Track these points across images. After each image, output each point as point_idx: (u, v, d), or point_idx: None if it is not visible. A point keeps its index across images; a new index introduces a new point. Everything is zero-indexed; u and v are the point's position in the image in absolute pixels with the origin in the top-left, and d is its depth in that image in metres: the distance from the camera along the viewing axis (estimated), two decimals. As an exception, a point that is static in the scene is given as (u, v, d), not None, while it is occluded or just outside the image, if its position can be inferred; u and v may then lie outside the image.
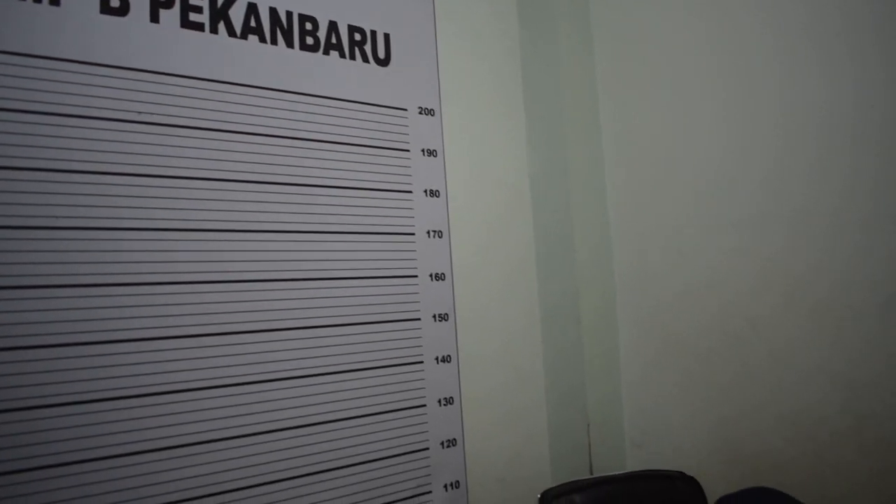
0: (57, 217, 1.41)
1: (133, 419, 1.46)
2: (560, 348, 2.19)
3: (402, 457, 1.84)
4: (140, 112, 1.51)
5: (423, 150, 1.94)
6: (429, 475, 1.88)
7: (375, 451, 1.80)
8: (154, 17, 1.56)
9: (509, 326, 2.13)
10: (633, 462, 2.19)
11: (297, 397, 1.68)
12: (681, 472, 1.87)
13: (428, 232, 1.92)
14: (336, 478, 1.73)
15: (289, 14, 1.76)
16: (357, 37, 1.87)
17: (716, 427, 2.03)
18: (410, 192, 1.91)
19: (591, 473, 2.17)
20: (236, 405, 1.59)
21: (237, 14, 1.68)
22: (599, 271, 2.23)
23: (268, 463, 1.63)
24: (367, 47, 1.88)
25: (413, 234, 1.90)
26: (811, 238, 1.84)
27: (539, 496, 1.76)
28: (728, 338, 1.99)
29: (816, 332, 1.82)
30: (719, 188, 2.02)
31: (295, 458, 1.67)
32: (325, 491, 1.71)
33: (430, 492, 1.88)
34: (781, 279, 1.89)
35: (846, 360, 1.78)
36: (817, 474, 1.82)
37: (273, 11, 1.73)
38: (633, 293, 2.22)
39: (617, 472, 1.89)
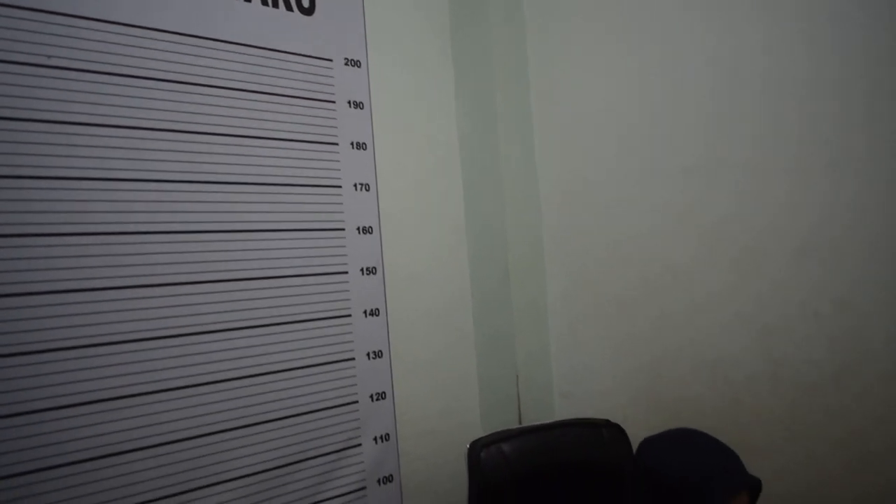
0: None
1: (66, 371, 1.45)
2: (489, 302, 2.21)
3: (332, 410, 1.84)
4: (49, 56, 1.46)
5: (349, 103, 1.92)
6: (358, 428, 1.89)
7: (305, 405, 1.79)
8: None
9: (439, 282, 2.13)
10: (562, 412, 2.23)
11: (226, 350, 1.66)
12: (606, 420, 1.91)
13: (355, 185, 1.91)
14: (267, 431, 1.72)
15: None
16: (280, -16, 1.83)
17: (639, 375, 2.07)
18: (336, 144, 1.88)
19: (521, 424, 2.20)
20: (165, 358, 1.57)
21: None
22: (528, 226, 2.24)
23: (200, 416, 1.62)
24: (291, -5, 1.85)
25: (340, 186, 1.88)
26: (729, 188, 1.87)
27: (468, 446, 1.78)
28: (650, 288, 2.03)
29: (734, 280, 1.87)
30: (643, 142, 2.04)
31: (226, 410, 1.66)
32: (257, 444, 1.70)
33: (359, 444, 1.89)
34: (700, 229, 1.93)
35: (761, 306, 1.83)
36: (735, 416, 1.88)
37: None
38: (561, 247, 2.24)
39: (544, 422, 1.92)
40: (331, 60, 1.90)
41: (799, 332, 1.77)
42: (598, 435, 1.88)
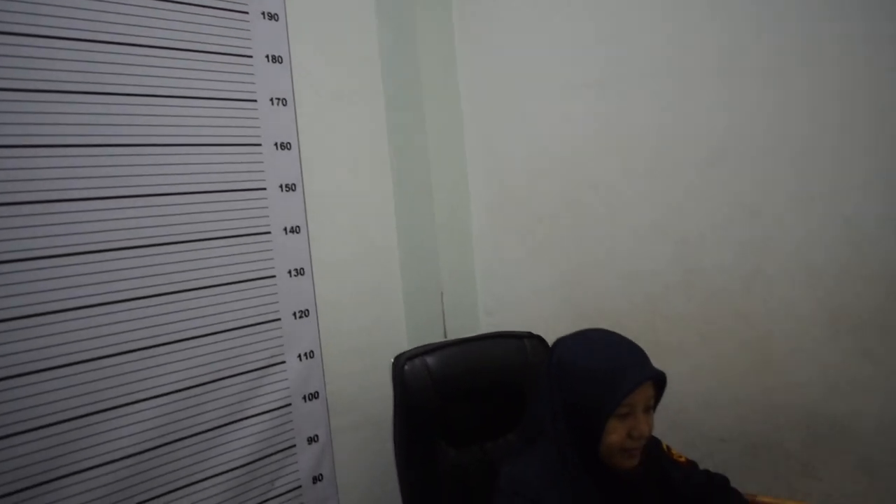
0: None
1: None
2: (413, 218, 2.21)
3: (254, 327, 1.83)
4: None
5: (263, 14, 1.86)
6: (282, 346, 1.89)
7: (226, 322, 1.78)
8: None
9: (361, 199, 2.12)
10: (487, 329, 2.26)
11: (143, 267, 1.63)
12: (529, 332, 1.94)
13: (271, 100, 1.87)
14: (188, 348, 1.71)
15: None
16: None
17: (561, 288, 2.11)
18: (251, 56, 1.83)
19: (446, 339, 2.23)
20: (80, 275, 1.54)
21: None
22: (450, 142, 2.24)
23: (119, 334, 1.59)
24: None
25: (255, 101, 1.83)
26: (645, 100, 1.90)
27: (392, 360, 1.79)
28: (570, 200, 2.06)
29: (649, 191, 1.91)
30: (564, 52, 2.04)
31: (146, 328, 1.64)
32: (178, 362, 1.69)
33: (283, 362, 1.89)
34: (619, 140, 1.95)
35: (676, 216, 1.87)
36: (651, 325, 1.94)
37: None
38: (483, 162, 2.25)
39: (468, 336, 1.94)
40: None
41: (711, 240, 1.82)
42: (520, 346, 1.90)
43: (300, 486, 1.94)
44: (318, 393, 1.96)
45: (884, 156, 1.59)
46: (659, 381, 1.39)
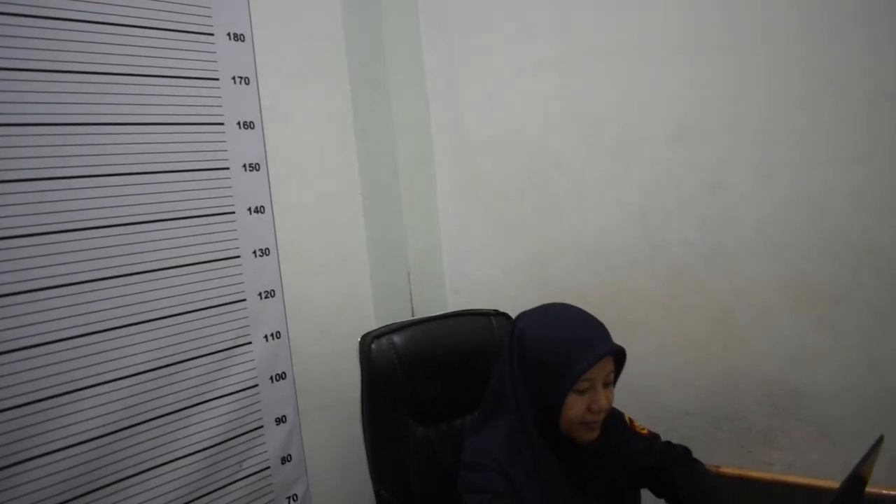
0: None
1: None
2: (379, 198, 2.20)
3: (219, 308, 1.82)
4: None
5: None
6: (247, 326, 1.88)
7: (190, 303, 1.76)
8: None
9: (326, 178, 2.11)
10: (454, 307, 2.27)
11: (104, 248, 1.61)
12: (496, 310, 1.95)
13: (233, 78, 1.84)
14: (151, 329, 1.69)
15: None
16: None
17: (527, 266, 2.12)
18: (213, 34, 1.80)
19: (413, 318, 2.24)
20: (36, 256, 1.51)
21: None
22: (416, 120, 2.22)
23: (80, 315, 1.57)
24: None
25: (217, 79, 1.81)
26: (608, 77, 1.90)
27: (359, 339, 1.79)
28: (536, 179, 2.06)
29: (614, 168, 1.92)
30: (528, 30, 2.03)
31: (108, 309, 1.61)
32: (141, 343, 1.67)
33: (249, 343, 1.88)
34: (584, 119, 1.96)
35: (641, 192, 1.89)
36: (617, 301, 1.95)
37: None
38: (449, 141, 2.24)
39: (435, 314, 1.95)
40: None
41: (675, 216, 1.84)
42: (487, 323, 1.91)
43: (268, 468, 1.93)
44: (285, 374, 1.96)
45: (844, 132, 1.61)
46: (619, 356, 1.40)
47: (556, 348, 1.36)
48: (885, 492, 1.61)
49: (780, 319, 1.74)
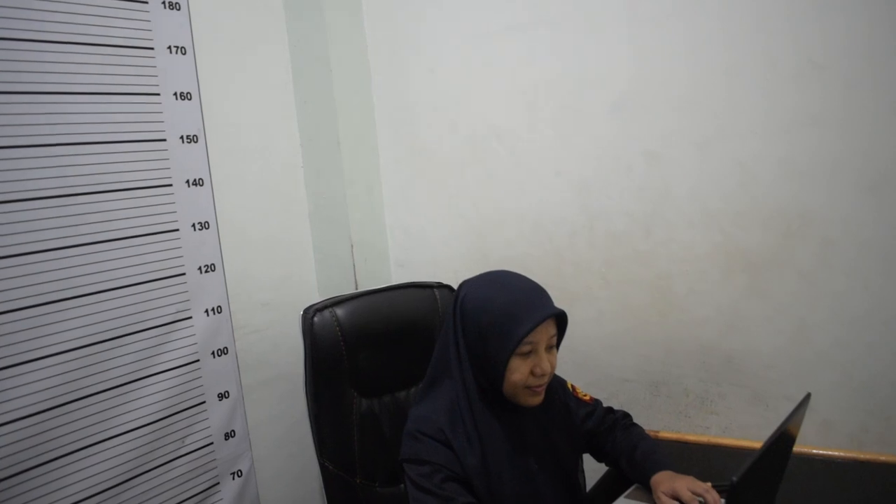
0: None
1: None
2: (321, 170, 2.18)
3: (157, 282, 1.79)
4: None
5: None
6: (188, 301, 1.85)
7: (130, 277, 1.73)
8: None
9: (267, 150, 2.08)
10: (398, 280, 2.26)
11: (36, 220, 1.56)
12: (439, 283, 1.96)
13: (169, 48, 1.80)
14: (92, 303, 1.66)
15: None
16: None
17: (469, 238, 2.14)
18: (147, 3, 1.76)
19: (357, 292, 2.23)
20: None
21: None
22: (358, 92, 2.21)
23: (12, 290, 1.53)
24: None
25: (152, 48, 1.77)
26: (548, 47, 1.91)
27: (301, 312, 1.78)
28: (477, 150, 2.07)
29: (554, 139, 1.94)
30: (471, 3, 2.03)
31: (42, 283, 1.58)
32: (77, 318, 1.63)
33: (189, 317, 1.86)
34: (524, 90, 1.97)
35: (580, 162, 1.91)
36: (558, 271, 1.98)
37: None
38: (392, 113, 2.23)
39: (379, 287, 1.95)
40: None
41: (613, 185, 1.87)
42: (430, 296, 1.92)
43: (212, 443, 1.92)
44: (227, 349, 1.94)
45: (775, 101, 1.65)
46: (560, 320, 1.42)
47: (499, 312, 1.38)
48: (814, 451, 1.68)
49: (714, 286, 1.79)
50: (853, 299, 1.64)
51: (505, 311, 1.37)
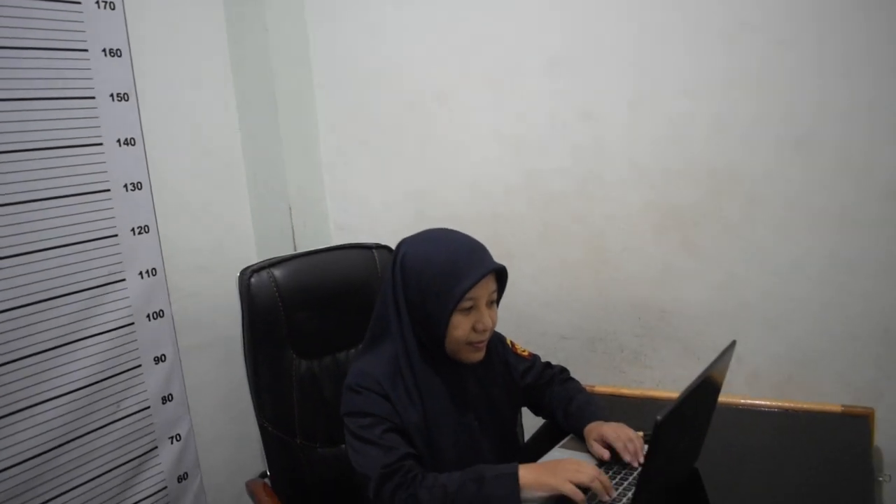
0: None
1: None
2: (258, 131, 2.16)
3: (88, 244, 1.75)
4: None
5: None
6: (121, 263, 1.82)
7: (59, 238, 1.69)
8: None
9: (202, 110, 2.05)
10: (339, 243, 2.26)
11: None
12: (378, 244, 1.96)
13: (97, 3, 1.75)
14: (20, 265, 1.62)
15: None
16: None
17: (410, 199, 2.14)
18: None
19: (296, 254, 2.22)
20: None
21: None
22: (295, 52, 2.17)
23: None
24: None
25: (79, 2, 1.72)
26: (485, 7, 1.92)
27: (238, 274, 1.76)
28: (416, 112, 2.07)
29: (490, 97, 1.94)
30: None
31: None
32: (10, 278, 1.60)
33: (123, 280, 1.82)
34: (461, 50, 1.97)
35: (516, 122, 1.92)
36: (496, 230, 2.00)
37: None
38: (329, 74, 2.20)
39: (318, 248, 1.93)
40: None
41: (549, 144, 1.89)
42: (369, 257, 1.91)
43: (148, 407, 1.90)
44: (162, 312, 1.91)
45: (704, 60, 1.68)
46: (500, 276, 1.44)
47: (440, 269, 1.38)
48: (742, 401, 1.73)
49: (647, 243, 1.82)
50: (779, 253, 1.69)
51: (446, 268, 1.38)
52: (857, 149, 1.59)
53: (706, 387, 1.24)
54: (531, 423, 1.70)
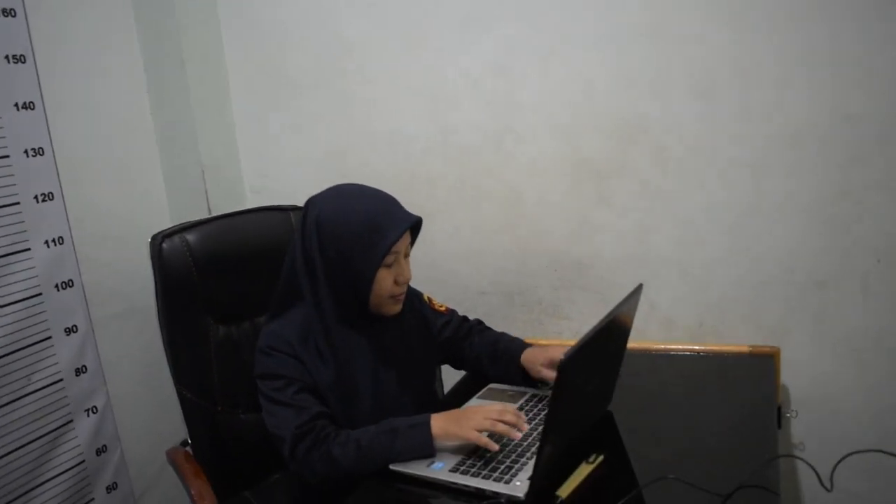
0: None
1: None
2: (167, 94, 2.09)
3: (-11, 211, 1.68)
4: None
5: None
6: (24, 231, 1.75)
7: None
8: None
9: (105, 71, 1.97)
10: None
11: None
12: (294, 206, 1.93)
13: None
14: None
15: None
16: None
17: (325, 159, 2.11)
18: None
19: (211, 219, 2.17)
20: None
21: None
22: (203, 13, 2.10)
23: None
24: None
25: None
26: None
27: (150, 240, 1.71)
28: (328, 69, 2.04)
29: (407, 54, 1.93)
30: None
31: None
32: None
33: (28, 249, 1.76)
34: (375, 3, 1.94)
35: (430, 78, 1.92)
36: (414, 188, 1.99)
37: None
38: (240, 32, 2.14)
39: (231, 211, 1.90)
40: None
41: (463, 99, 1.89)
42: (285, 219, 1.88)
43: (61, 380, 1.84)
44: (72, 281, 1.85)
45: (614, 14, 1.70)
46: (413, 228, 1.43)
47: (361, 225, 1.37)
48: (656, 346, 1.77)
49: (563, 197, 1.85)
50: (689, 201, 1.74)
51: (367, 223, 1.37)
52: (760, 99, 1.63)
53: (612, 328, 1.26)
54: (452, 377, 1.72)
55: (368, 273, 1.36)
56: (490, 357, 1.58)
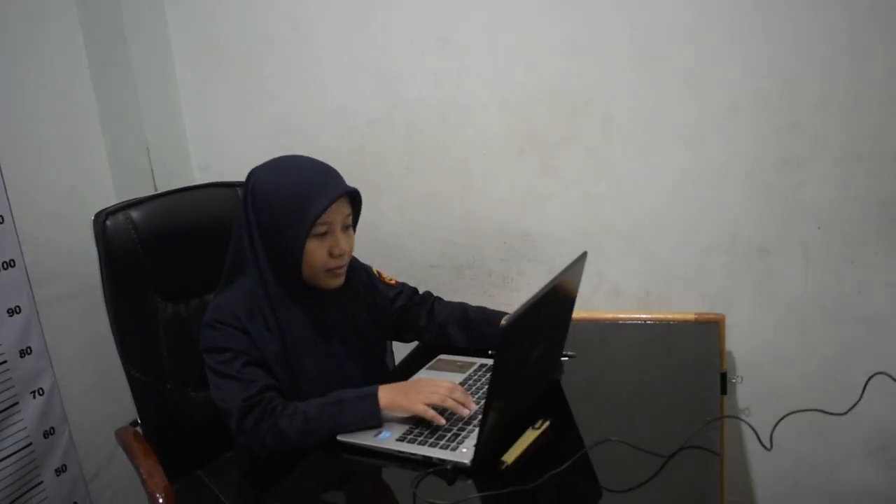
0: None
1: None
2: (109, 69, 2.04)
3: (-79, 193, 1.64)
4: None
5: None
6: (-39, 210, 1.71)
7: None
8: None
9: (42, 46, 1.91)
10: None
11: None
12: (240, 182, 1.91)
13: None
14: None
15: None
16: None
17: (271, 134, 2.09)
18: None
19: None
20: None
21: None
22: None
23: None
24: None
25: None
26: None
27: (93, 218, 1.68)
28: (275, 44, 2.01)
29: (347, 27, 1.91)
30: None
31: None
32: None
33: (-36, 229, 1.72)
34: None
35: (376, 50, 1.90)
36: (362, 162, 1.98)
37: None
38: (183, 10, 2.10)
39: (177, 188, 1.87)
40: None
41: (408, 71, 1.88)
42: (232, 195, 1.86)
43: (5, 362, 1.81)
44: (13, 261, 1.81)
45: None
46: (354, 199, 1.43)
47: (291, 194, 1.36)
48: (604, 316, 1.80)
49: (510, 169, 1.86)
50: (633, 170, 1.76)
51: (296, 193, 1.36)
52: (700, 67, 1.65)
53: (556, 295, 1.27)
54: (403, 350, 1.72)
55: (297, 244, 1.35)
56: (460, 325, 1.59)
